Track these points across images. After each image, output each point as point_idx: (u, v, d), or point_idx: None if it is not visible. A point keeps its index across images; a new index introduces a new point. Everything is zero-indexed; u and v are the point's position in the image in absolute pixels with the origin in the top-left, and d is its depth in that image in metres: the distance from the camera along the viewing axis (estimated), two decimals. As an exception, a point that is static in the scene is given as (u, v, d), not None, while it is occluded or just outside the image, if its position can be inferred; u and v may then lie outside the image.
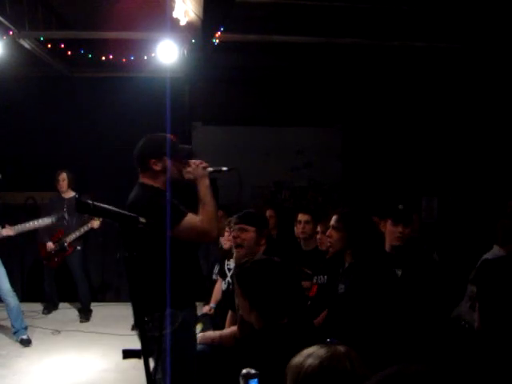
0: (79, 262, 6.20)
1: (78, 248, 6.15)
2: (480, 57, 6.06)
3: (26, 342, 5.18)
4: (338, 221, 3.04)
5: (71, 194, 6.21)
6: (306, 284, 3.55)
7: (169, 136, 2.77)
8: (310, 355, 1.38)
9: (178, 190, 2.73)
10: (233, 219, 3.45)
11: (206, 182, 2.65)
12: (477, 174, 7.07)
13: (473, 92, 7.04)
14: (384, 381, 1.10)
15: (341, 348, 1.40)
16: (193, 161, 2.70)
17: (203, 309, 4.47)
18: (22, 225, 5.22)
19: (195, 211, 2.62)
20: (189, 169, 2.68)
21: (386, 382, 1.09)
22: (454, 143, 7.25)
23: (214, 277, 4.60)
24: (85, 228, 6.00)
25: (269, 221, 4.33)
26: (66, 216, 5.99)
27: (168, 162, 2.67)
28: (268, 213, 5.18)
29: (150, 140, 2.77)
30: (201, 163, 2.69)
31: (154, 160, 2.67)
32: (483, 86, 6.91)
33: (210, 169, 2.71)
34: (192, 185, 2.69)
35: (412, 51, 5.99)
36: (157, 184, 2.68)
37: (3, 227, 5.05)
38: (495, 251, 3.87)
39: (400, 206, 3.66)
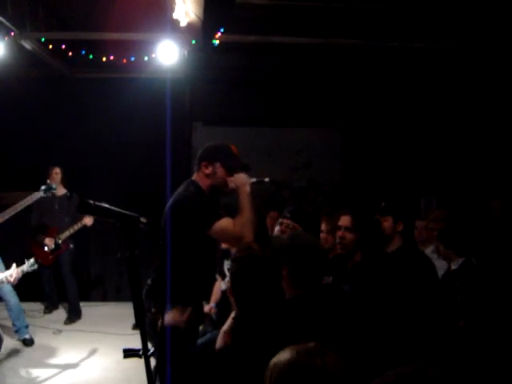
0: (70, 260, 6.13)
1: (71, 246, 6.13)
2: (479, 58, 6.08)
3: (29, 342, 5.19)
4: (351, 222, 3.06)
5: (63, 191, 6.20)
6: None
7: (231, 147, 2.92)
8: (284, 352, 1.41)
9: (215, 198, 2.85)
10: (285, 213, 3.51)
11: (247, 189, 2.77)
12: (476, 175, 7.09)
13: (472, 93, 7.06)
14: (399, 380, 1.12)
15: (314, 345, 1.42)
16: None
17: (204, 308, 4.49)
18: (13, 206, 4.99)
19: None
20: (232, 178, 2.79)
21: (402, 381, 1.12)
22: (453, 144, 7.27)
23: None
24: (78, 225, 5.98)
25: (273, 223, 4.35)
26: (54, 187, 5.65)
27: (219, 169, 2.78)
28: (271, 214, 5.19)
29: (211, 145, 2.89)
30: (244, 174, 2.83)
31: (205, 163, 2.78)
32: (482, 86, 6.93)
33: (254, 179, 2.85)
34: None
35: (411, 52, 6.01)
36: (203, 186, 2.79)
37: None
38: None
39: (382, 204, 3.68)
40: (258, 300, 2.20)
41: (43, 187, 5.33)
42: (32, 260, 4.19)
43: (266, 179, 2.94)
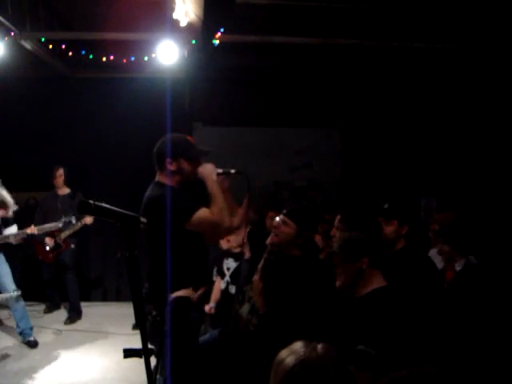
0: (71, 261, 6.12)
1: (72, 246, 6.09)
2: (479, 58, 6.08)
3: (33, 344, 5.16)
4: (340, 221, 3.06)
5: (66, 190, 6.22)
6: None
7: (187, 137, 2.87)
8: (290, 353, 1.43)
9: (191, 189, 2.81)
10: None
11: (213, 177, 2.75)
12: (476, 174, 7.09)
13: (471, 92, 7.06)
14: (398, 382, 1.13)
15: (320, 350, 1.43)
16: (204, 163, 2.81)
17: (205, 308, 4.49)
18: (42, 226, 5.54)
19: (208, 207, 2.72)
20: (199, 169, 2.77)
21: (400, 382, 1.13)
22: (453, 143, 7.27)
23: (214, 278, 4.61)
24: (78, 225, 5.98)
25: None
26: (73, 220, 6.01)
27: (183, 163, 2.74)
28: (270, 214, 5.18)
29: (168, 140, 2.81)
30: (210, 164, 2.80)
31: (169, 160, 2.73)
32: (481, 86, 6.93)
33: (220, 170, 2.82)
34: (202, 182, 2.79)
35: (410, 52, 6.01)
36: (171, 183, 2.74)
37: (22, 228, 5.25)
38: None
39: (385, 205, 3.65)
40: (286, 300, 2.21)
41: (63, 220, 5.76)
42: None
43: (232, 170, 2.90)
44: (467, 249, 3.38)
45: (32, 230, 5.28)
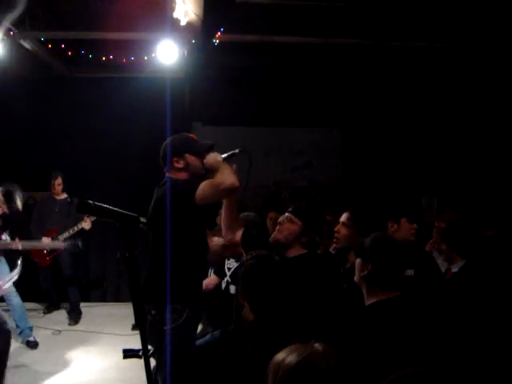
0: (70, 261, 6.11)
1: (70, 248, 6.09)
2: (479, 57, 6.08)
3: (33, 345, 5.14)
4: (348, 218, 3.05)
5: (63, 195, 6.22)
6: None
7: (188, 134, 2.96)
8: (289, 353, 1.42)
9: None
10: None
11: (219, 158, 2.80)
12: (476, 174, 7.08)
13: (472, 92, 7.05)
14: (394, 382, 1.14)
15: (319, 347, 1.42)
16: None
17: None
18: (29, 242, 5.32)
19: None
20: (204, 161, 2.82)
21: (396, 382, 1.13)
22: (454, 143, 7.26)
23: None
24: (78, 226, 5.97)
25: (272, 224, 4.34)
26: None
27: (190, 158, 2.80)
28: (270, 215, 5.18)
29: (171, 140, 2.88)
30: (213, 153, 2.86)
31: (175, 158, 2.79)
32: (482, 86, 6.93)
33: (224, 155, 2.86)
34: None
35: (411, 51, 6.01)
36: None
37: (13, 238, 5.13)
38: None
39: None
40: (272, 301, 2.17)
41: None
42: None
43: (236, 151, 2.93)
44: (467, 251, 3.37)
45: (17, 244, 5.10)
